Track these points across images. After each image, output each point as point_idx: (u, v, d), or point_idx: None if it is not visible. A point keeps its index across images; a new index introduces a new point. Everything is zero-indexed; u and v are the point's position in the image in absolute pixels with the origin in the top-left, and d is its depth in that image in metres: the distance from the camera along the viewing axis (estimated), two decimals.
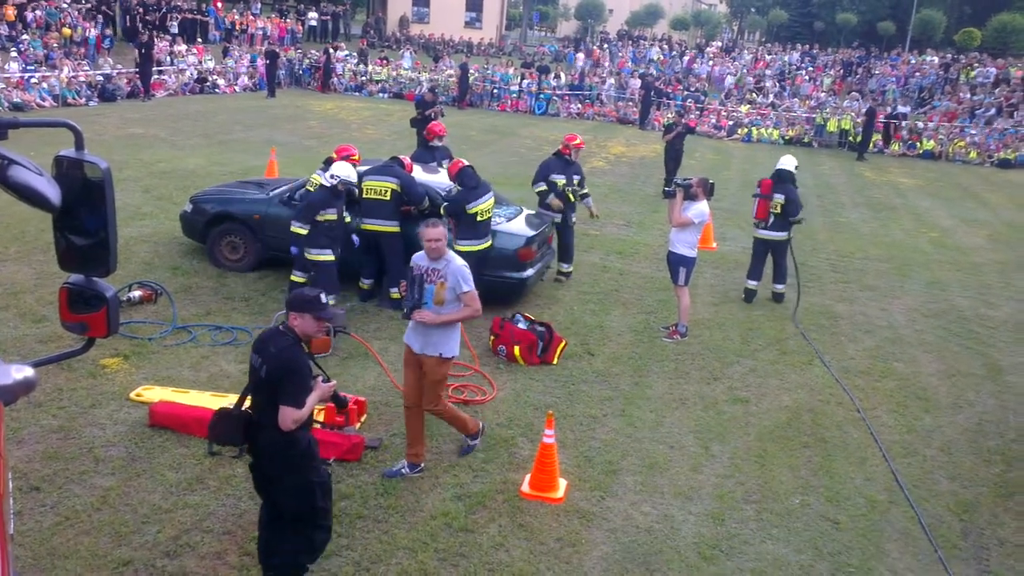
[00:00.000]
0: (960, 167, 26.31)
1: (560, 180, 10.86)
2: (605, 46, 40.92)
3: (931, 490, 6.68)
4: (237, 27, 35.85)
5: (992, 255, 14.70)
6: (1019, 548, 5.96)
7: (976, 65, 33.84)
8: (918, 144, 27.98)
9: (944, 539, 5.99)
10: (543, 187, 10.85)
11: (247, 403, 4.70)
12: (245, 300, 9.46)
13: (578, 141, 11.11)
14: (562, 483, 6.17)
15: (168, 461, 6.14)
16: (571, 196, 10.89)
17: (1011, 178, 24.28)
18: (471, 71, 32.20)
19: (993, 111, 29.64)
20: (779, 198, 10.44)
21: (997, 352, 9.84)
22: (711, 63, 36.34)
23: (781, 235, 10.60)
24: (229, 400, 6.84)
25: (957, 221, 17.48)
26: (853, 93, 31.34)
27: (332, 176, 8.76)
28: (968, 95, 31.32)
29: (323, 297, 4.67)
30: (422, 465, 6.20)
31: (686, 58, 37.29)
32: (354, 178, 8.95)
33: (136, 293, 8.99)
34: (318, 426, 6.56)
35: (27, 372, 2.33)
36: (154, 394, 7.00)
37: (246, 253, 10.30)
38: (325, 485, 4.80)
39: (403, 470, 6.13)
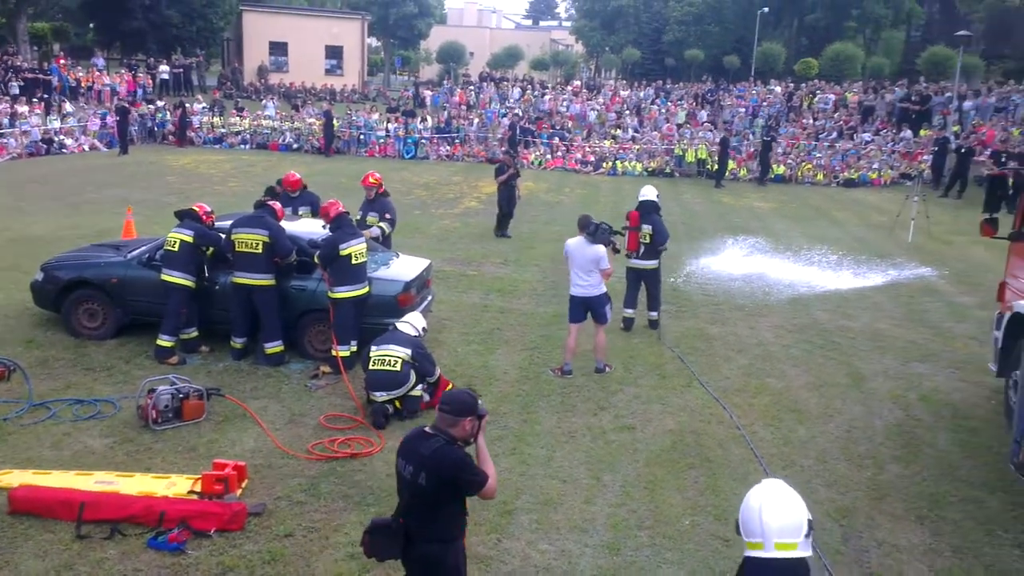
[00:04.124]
0: (809, 188, 27.94)
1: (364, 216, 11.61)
2: (470, 88, 41.45)
3: (811, 498, 6.90)
4: (83, 84, 34.31)
5: (846, 269, 15.62)
6: (895, 548, 6.26)
7: (817, 92, 36.23)
8: (770, 169, 29.57)
9: (826, 545, 6.21)
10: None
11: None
12: (107, 369, 8.92)
13: (371, 180, 11.70)
14: None
15: (33, 549, 5.67)
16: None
17: (856, 196, 25.99)
18: (335, 118, 31.94)
19: (835, 134, 31.75)
20: (647, 228, 10.79)
21: (859, 360, 10.40)
22: (570, 101, 37.35)
23: (652, 263, 10.93)
24: (96, 479, 6.44)
25: (811, 240, 18.47)
26: (706, 124, 32.86)
27: None
28: (811, 120, 33.44)
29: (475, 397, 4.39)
30: None
31: (547, 97, 38.22)
32: None
33: None
34: (195, 496, 6.23)
35: None
36: (13, 478, 6.49)
37: (105, 320, 9.75)
38: None
39: None
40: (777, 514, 3.15)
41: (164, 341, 9.17)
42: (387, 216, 11.58)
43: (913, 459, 7.73)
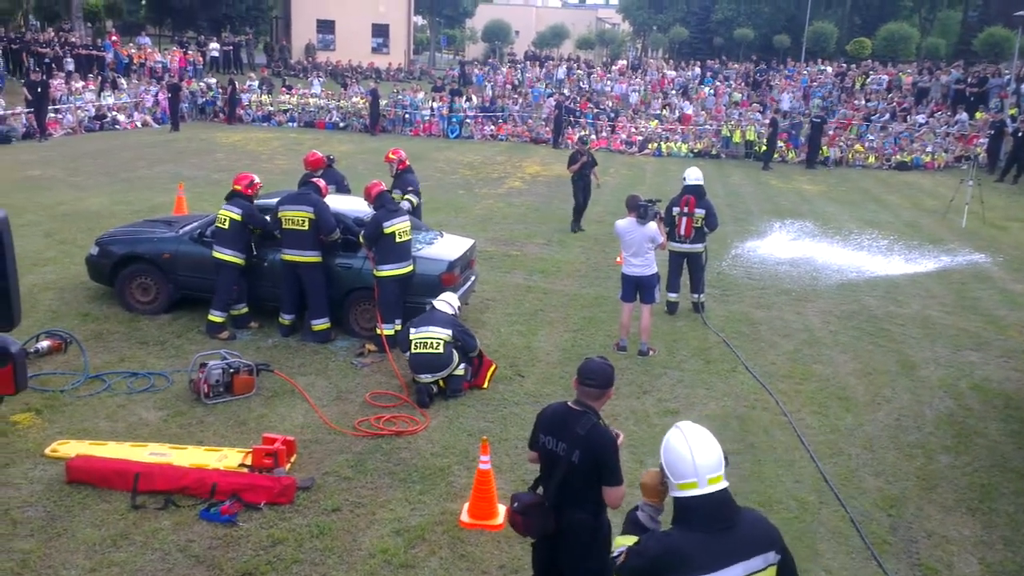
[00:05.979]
0: (860, 172, 27.37)
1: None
2: (517, 67, 41.26)
3: (858, 487, 6.86)
4: (135, 61, 34.87)
5: (896, 254, 15.32)
6: (945, 539, 6.17)
7: (870, 73, 35.41)
8: (820, 151, 29.01)
9: (874, 535, 6.15)
10: None
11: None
12: (160, 344, 9.12)
13: (391, 157, 11.68)
14: (501, 509, 6.09)
15: (90, 518, 5.85)
16: None
17: (908, 180, 25.41)
18: (381, 97, 32.03)
19: (887, 116, 31.02)
20: (700, 212, 10.77)
21: (909, 348, 10.22)
22: (616, 81, 36.98)
23: (699, 247, 10.91)
24: (150, 450, 6.60)
25: (861, 224, 18.15)
26: (755, 105, 32.33)
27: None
28: (863, 102, 32.70)
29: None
30: None
31: (593, 77, 37.88)
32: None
33: (44, 343, 8.59)
34: (245, 470, 6.37)
35: None
36: (70, 448, 6.69)
37: (158, 294, 9.95)
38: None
39: None
40: (706, 452, 3.23)
41: (215, 316, 9.35)
42: (410, 189, 11.42)
43: (964, 449, 7.61)
